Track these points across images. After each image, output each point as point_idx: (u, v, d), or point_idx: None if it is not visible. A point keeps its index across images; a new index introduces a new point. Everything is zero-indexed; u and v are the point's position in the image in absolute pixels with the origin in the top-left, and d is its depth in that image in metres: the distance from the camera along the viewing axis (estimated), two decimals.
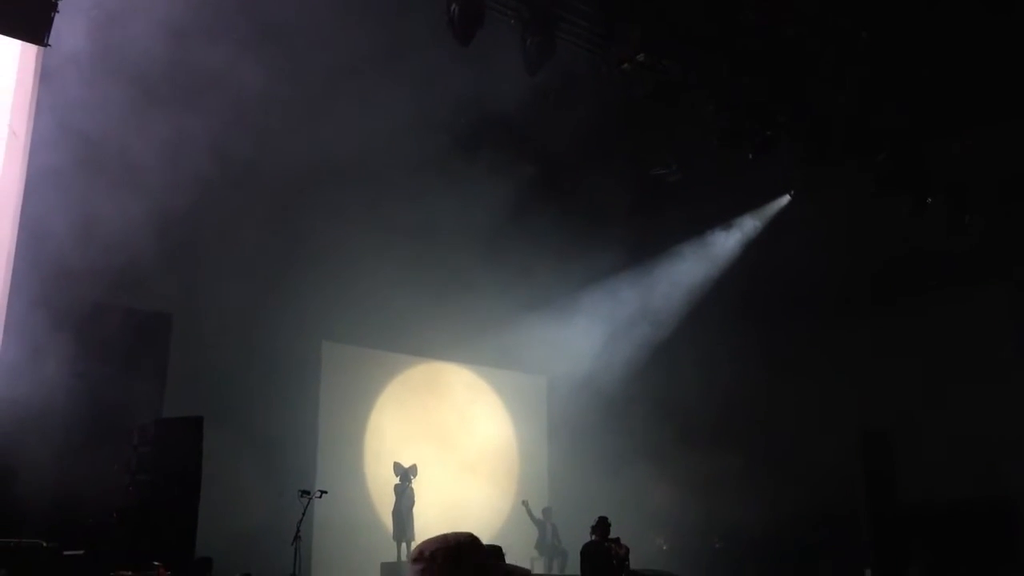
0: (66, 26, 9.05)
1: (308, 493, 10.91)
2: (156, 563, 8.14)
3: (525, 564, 13.17)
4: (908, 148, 12.36)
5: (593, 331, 16.35)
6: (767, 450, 15.25)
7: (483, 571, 2.23)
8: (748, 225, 16.04)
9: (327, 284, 13.77)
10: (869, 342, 14.45)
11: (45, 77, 9.92)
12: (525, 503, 15.29)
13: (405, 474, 14.08)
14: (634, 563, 10.66)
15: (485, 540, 2.35)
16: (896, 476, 13.83)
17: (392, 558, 13.49)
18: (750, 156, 12.02)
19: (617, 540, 10.36)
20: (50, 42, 8.73)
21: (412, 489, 14.04)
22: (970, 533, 12.37)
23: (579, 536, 10.96)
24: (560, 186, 14.59)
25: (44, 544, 7.55)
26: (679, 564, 13.93)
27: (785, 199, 15.52)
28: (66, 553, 7.54)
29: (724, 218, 16.15)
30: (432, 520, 14.01)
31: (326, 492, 11.39)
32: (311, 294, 13.76)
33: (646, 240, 16.03)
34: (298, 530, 10.47)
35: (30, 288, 9.79)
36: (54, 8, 8.42)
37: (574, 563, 11.23)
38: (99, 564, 7.82)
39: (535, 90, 11.42)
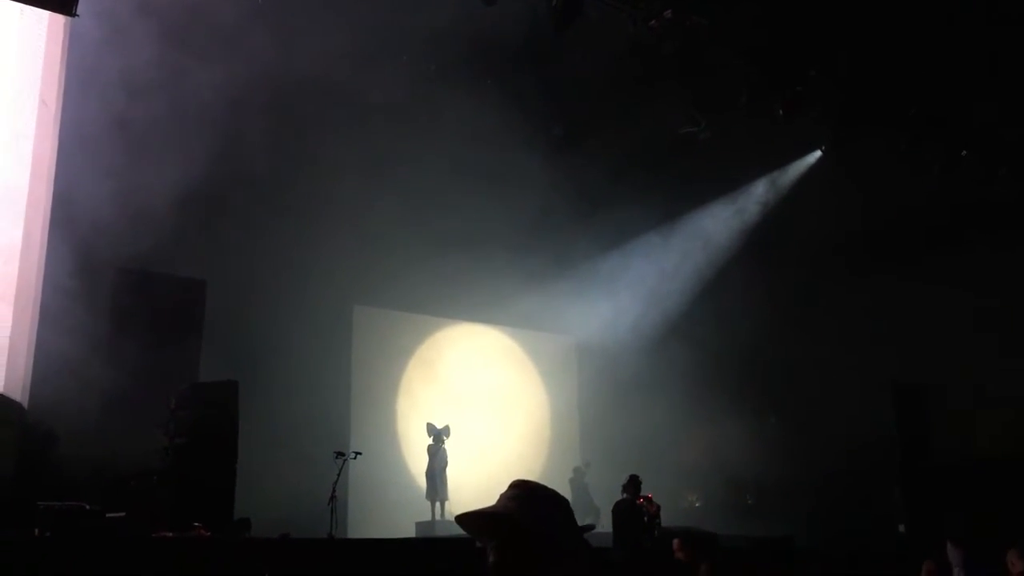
0: None
1: (343, 454, 11.05)
2: (196, 524, 8.30)
3: None
4: (939, 103, 12.15)
5: (623, 291, 16.36)
6: (799, 406, 15.21)
7: (563, 529, 2.27)
8: (779, 181, 15.88)
9: (358, 249, 13.85)
10: (902, 296, 14.30)
11: (74, 46, 9.99)
12: (578, 469, 15.41)
13: (438, 435, 14.21)
14: (666, 520, 10.71)
15: None
16: (930, 431, 13.76)
17: (426, 517, 13.66)
18: (780, 113, 11.89)
19: (649, 498, 10.41)
20: (78, 12, 8.78)
21: (445, 450, 14.17)
22: (1003, 488, 12.29)
23: (611, 494, 11.03)
24: (590, 147, 14.50)
25: (87, 507, 7.71)
26: (712, 520, 14.00)
27: (816, 154, 15.34)
28: (108, 515, 7.70)
29: (754, 175, 16.00)
30: (465, 480, 14.17)
31: (360, 453, 11.54)
32: (342, 259, 13.85)
33: (676, 199, 15.94)
34: (334, 491, 10.62)
35: (66, 256, 9.94)
36: None
37: (606, 521, 11.31)
38: (140, 526, 7.99)
39: (563, 48, 11.35)
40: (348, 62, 11.34)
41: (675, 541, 5.65)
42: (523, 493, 2.23)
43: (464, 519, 2.21)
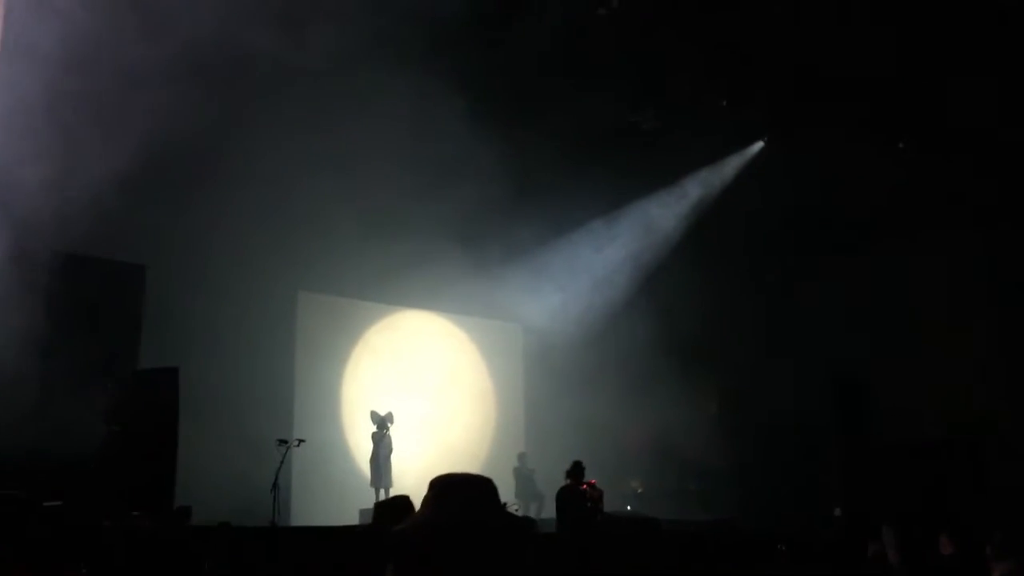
0: None
1: (286, 442, 10.98)
2: (135, 512, 8.19)
3: None
4: (882, 93, 12.38)
5: (568, 279, 16.46)
6: (740, 394, 15.48)
7: (484, 506, 2.34)
8: (723, 171, 16.07)
9: (302, 234, 13.71)
10: (841, 283, 14.59)
11: (10, 24, 9.73)
12: (522, 455, 15.48)
13: (382, 422, 14.16)
14: (609, 506, 10.84)
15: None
16: (866, 416, 14.08)
17: (370, 505, 13.60)
18: (724, 103, 12.03)
19: (592, 484, 10.51)
20: None
21: (390, 437, 14.13)
22: (937, 471, 12.64)
23: (555, 481, 11.11)
24: (534, 134, 14.52)
25: (21, 495, 7.55)
26: (653, 506, 14.18)
27: (759, 145, 15.55)
28: (45, 504, 7.55)
29: (698, 164, 16.17)
30: (409, 467, 14.14)
31: (304, 441, 11.48)
32: (286, 244, 13.70)
33: (621, 188, 16.05)
34: (276, 478, 10.55)
35: (2, 240, 9.69)
36: None
37: (550, 507, 11.39)
38: (78, 514, 7.85)
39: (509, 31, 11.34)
40: (302, 47, 11.24)
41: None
42: (434, 492, 2.32)
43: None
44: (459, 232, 14.26)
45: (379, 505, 5.16)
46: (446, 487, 2.34)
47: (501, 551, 2.29)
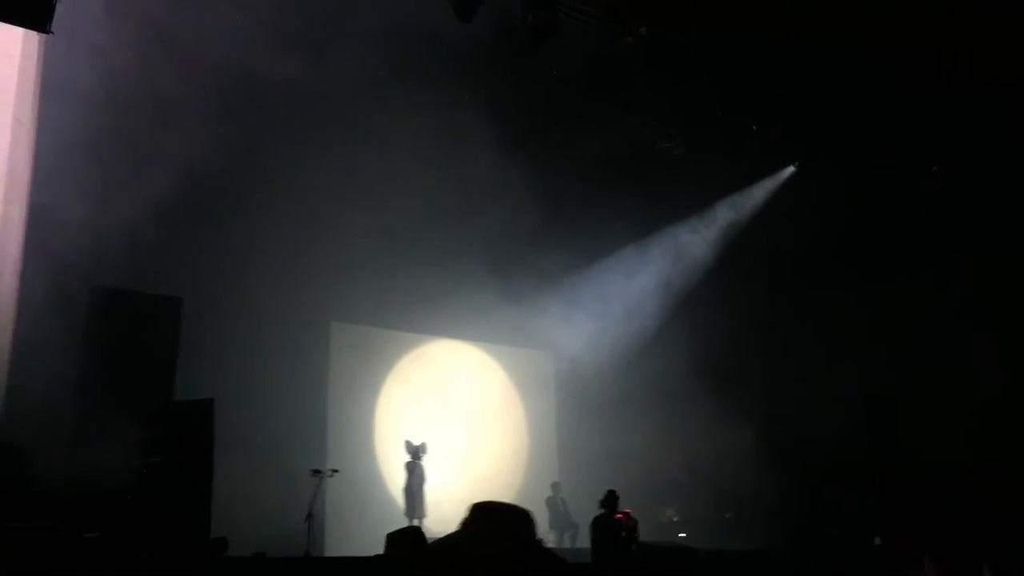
0: (68, 11, 9.08)
1: (320, 472, 11.03)
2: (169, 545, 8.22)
3: None
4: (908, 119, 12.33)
5: (600, 307, 16.42)
6: (776, 420, 15.30)
7: (515, 541, 2.35)
8: (753, 196, 16.04)
9: (335, 265, 13.83)
10: (875, 308, 14.45)
11: (48, 63, 9.96)
12: (555, 485, 15.33)
13: (416, 452, 14.16)
14: (644, 535, 10.74)
15: None
16: (903, 442, 13.87)
17: None
18: (753, 128, 12.03)
19: (627, 513, 10.43)
20: (52, 29, 8.75)
21: (423, 467, 14.12)
22: (977, 497, 12.40)
23: (588, 510, 11.04)
24: (563, 161, 14.58)
25: (60, 527, 7.62)
26: (690, 535, 14.04)
27: (790, 170, 15.52)
28: (84, 536, 7.62)
29: (729, 189, 16.16)
30: (443, 497, 14.11)
31: (338, 471, 11.52)
32: (319, 276, 13.82)
33: (651, 213, 16.06)
34: (310, 509, 10.60)
35: (42, 274, 9.87)
36: None
37: (584, 536, 11.32)
38: (116, 546, 7.91)
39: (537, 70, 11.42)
40: (332, 79, 11.42)
41: None
42: (474, 516, 2.33)
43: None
44: (489, 260, 14.34)
45: (391, 535, 5.20)
46: (485, 514, 2.36)
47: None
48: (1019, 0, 10.15)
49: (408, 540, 4.42)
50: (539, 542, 2.43)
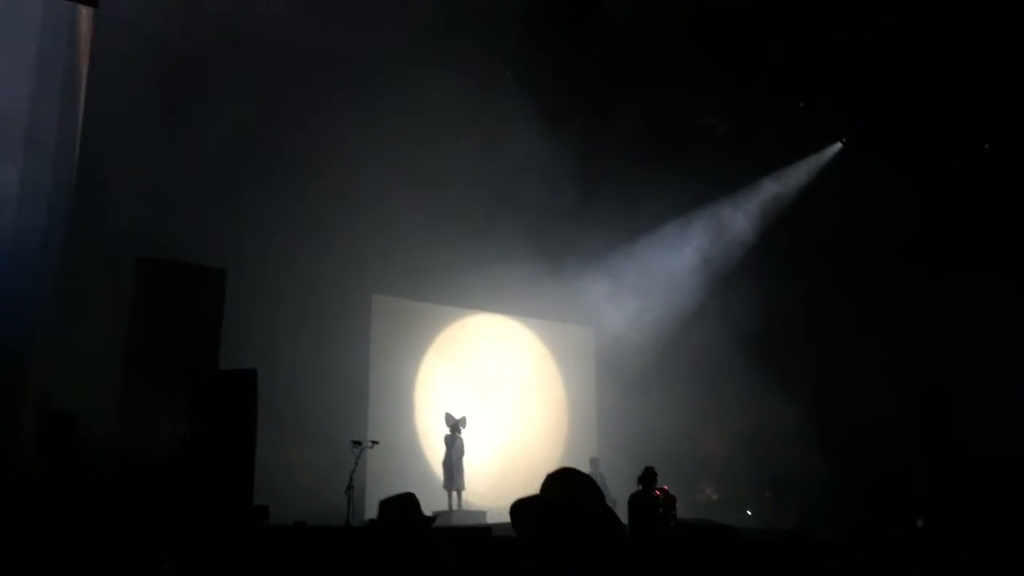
0: None
1: (360, 443, 11.14)
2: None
3: None
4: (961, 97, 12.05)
5: (642, 282, 16.32)
6: (820, 400, 15.12)
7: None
8: (797, 173, 15.80)
9: (376, 238, 13.87)
10: (926, 291, 14.19)
11: (97, 36, 10.05)
12: (594, 460, 15.30)
13: (456, 425, 14.24)
14: (682, 512, 10.71)
15: (534, 491, 2.49)
16: (952, 428, 13.64)
17: (443, 507, 13.71)
18: (801, 105, 11.84)
19: (665, 490, 10.40)
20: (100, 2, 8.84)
21: (462, 439, 14.20)
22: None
23: (627, 486, 11.03)
24: (609, 136, 14.47)
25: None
26: (728, 513, 13.97)
27: (836, 147, 15.26)
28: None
29: (773, 166, 15.93)
30: (482, 470, 14.20)
31: (377, 442, 11.63)
32: (361, 248, 13.87)
33: (695, 190, 15.89)
34: (351, 479, 10.71)
35: (86, 244, 10.01)
36: None
37: (622, 512, 11.31)
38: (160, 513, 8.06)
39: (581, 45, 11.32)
40: (382, 56, 11.44)
41: None
42: (552, 479, 2.44)
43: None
44: (531, 235, 14.30)
45: (384, 502, 5.26)
46: (563, 476, 2.50)
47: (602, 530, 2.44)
48: None
49: (397, 508, 4.49)
50: (607, 507, 2.53)
